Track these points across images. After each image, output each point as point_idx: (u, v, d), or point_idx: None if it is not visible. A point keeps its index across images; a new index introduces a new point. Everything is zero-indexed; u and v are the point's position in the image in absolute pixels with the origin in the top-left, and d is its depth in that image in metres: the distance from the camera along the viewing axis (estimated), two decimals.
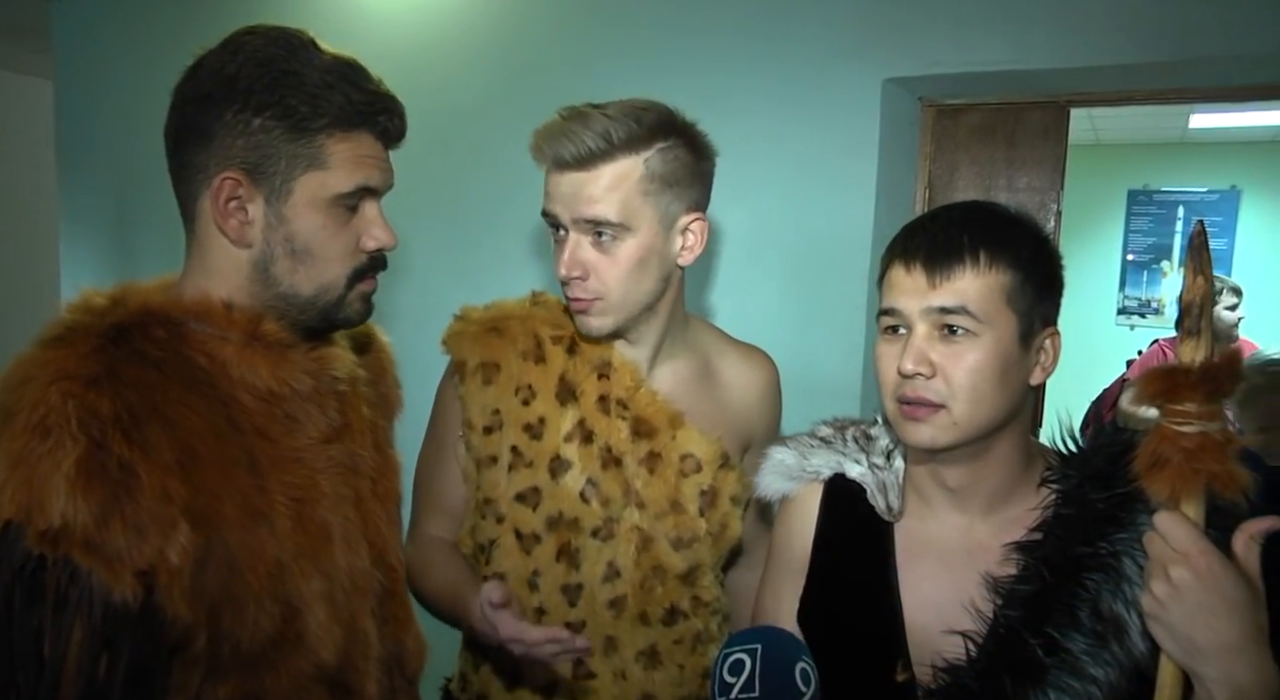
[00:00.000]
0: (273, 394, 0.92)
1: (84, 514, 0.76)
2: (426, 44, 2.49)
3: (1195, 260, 0.82)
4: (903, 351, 0.94)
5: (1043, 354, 0.96)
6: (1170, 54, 1.78)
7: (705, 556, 1.27)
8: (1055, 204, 2.09)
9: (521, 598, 1.23)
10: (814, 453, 1.10)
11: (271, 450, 0.92)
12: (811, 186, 2.09)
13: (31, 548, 0.75)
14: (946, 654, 0.96)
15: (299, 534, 0.92)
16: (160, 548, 0.79)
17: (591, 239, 1.16)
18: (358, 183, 0.92)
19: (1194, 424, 0.80)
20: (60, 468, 0.76)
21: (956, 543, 1.01)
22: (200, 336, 0.91)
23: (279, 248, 0.92)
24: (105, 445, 0.78)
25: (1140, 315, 5.53)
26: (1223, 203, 5.33)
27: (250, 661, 0.88)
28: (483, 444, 1.26)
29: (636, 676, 1.25)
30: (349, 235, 0.94)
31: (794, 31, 2.08)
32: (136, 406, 0.82)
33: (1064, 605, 0.93)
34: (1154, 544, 0.82)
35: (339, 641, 0.94)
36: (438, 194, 2.51)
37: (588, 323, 1.20)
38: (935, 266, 0.93)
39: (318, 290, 0.94)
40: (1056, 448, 1.03)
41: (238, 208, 0.91)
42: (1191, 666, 0.80)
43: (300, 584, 0.91)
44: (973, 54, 1.93)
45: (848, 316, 2.07)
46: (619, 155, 1.13)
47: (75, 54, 3.33)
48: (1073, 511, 0.96)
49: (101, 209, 3.33)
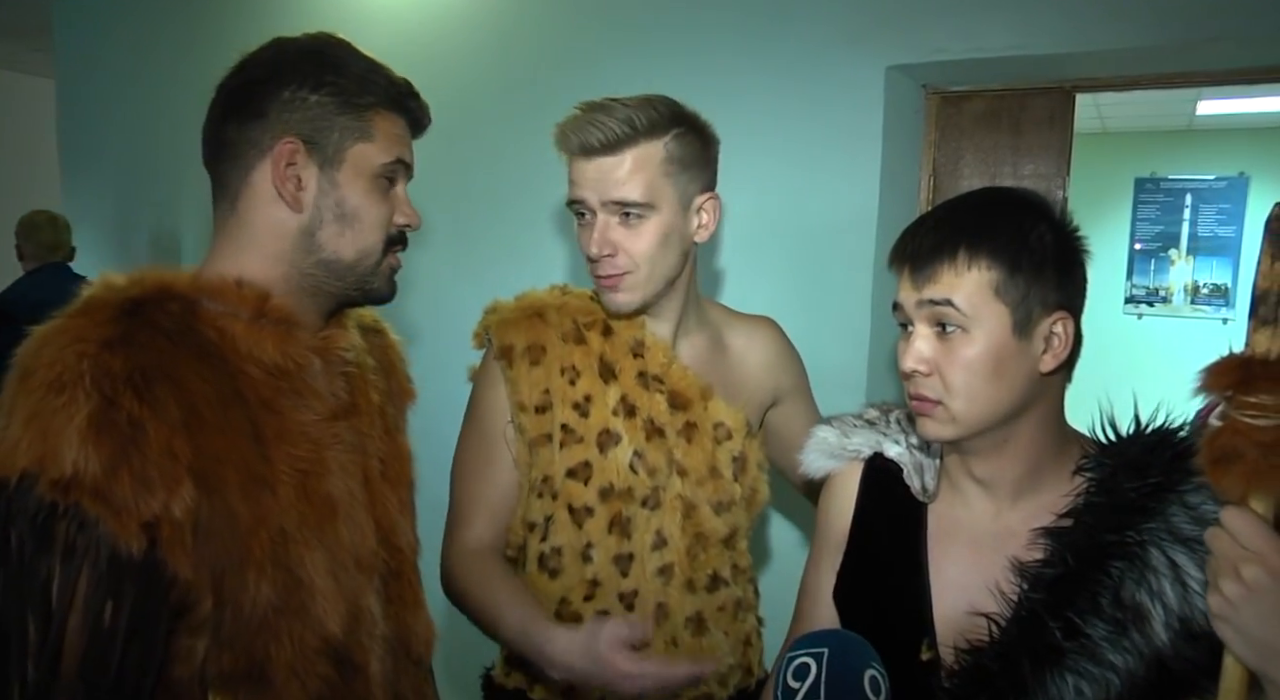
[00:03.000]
0: (279, 369, 0.96)
1: (94, 464, 0.80)
2: (429, 41, 2.49)
3: (1273, 245, 0.77)
4: (905, 350, 0.97)
5: (1051, 340, 0.94)
6: (1176, 37, 1.76)
7: (741, 520, 1.35)
8: (1061, 191, 2.08)
9: (575, 570, 1.29)
10: (855, 432, 1.14)
11: (277, 422, 0.95)
12: (815, 175, 2.08)
13: (44, 495, 0.79)
14: (970, 636, 0.97)
15: (302, 504, 0.95)
16: (165, 502, 0.83)
17: (619, 219, 1.24)
18: (396, 155, 1.01)
19: (1270, 417, 0.76)
20: (73, 421, 0.80)
21: (986, 528, 1.02)
22: (211, 313, 0.95)
23: (329, 213, 0.99)
24: (116, 402, 0.82)
25: (1148, 304, 5.50)
26: (1231, 190, 5.29)
27: (253, 629, 0.90)
28: (535, 424, 1.32)
29: (686, 643, 1.30)
30: (386, 207, 1.02)
31: (796, 20, 2.07)
32: (147, 367, 0.86)
33: (1086, 591, 0.92)
34: (1220, 541, 0.79)
35: (343, 615, 0.97)
36: (440, 189, 2.50)
37: (615, 299, 1.28)
38: (918, 269, 0.96)
39: (359, 254, 1.01)
40: (1095, 436, 1.02)
41: (294, 173, 0.97)
42: (1265, 670, 0.77)
43: (304, 553, 0.94)
44: (976, 40, 1.91)
45: (852, 305, 2.06)
46: (641, 140, 1.22)
47: (76, 53, 3.33)
48: (1104, 500, 0.95)
49: (103, 208, 3.34)
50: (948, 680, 0.98)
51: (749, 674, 1.37)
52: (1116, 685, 0.90)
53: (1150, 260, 5.49)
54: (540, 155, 2.38)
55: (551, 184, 2.52)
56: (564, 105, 1.28)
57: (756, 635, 1.40)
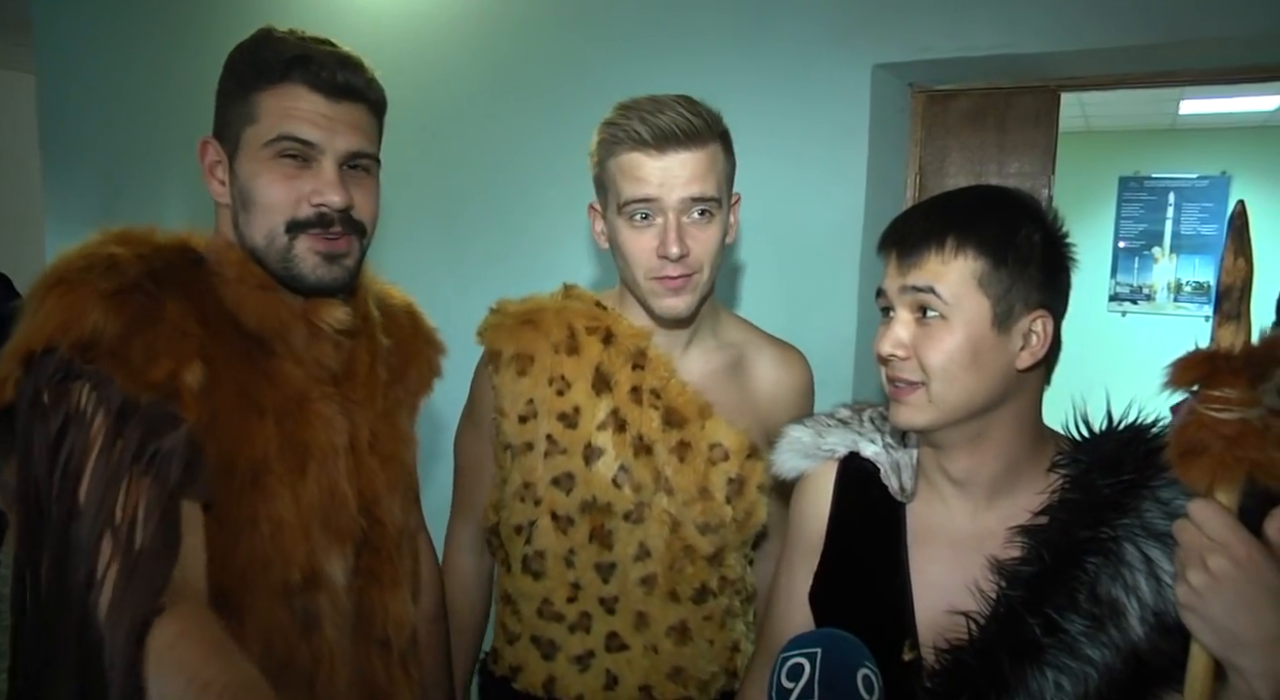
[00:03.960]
0: (262, 329, 1.02)
1: (113, 327, 0.87)
2: (417, 42, 2.47)
3: (1236, 242, 0.79)
4: (883, 334, 0.97)
5: (1030, 338, 0.94)
6: (1161, 36, 1.77)
7: (731, 540, 1.32)
8: (1046, 189, 2.08)
9: (558, 574, 1.30)
10: (830, 432, 1.12)
11: (270, 362, 1.01)
12: (802, 173, 2.08)
13: (65, 354, 0.86)
14: (951, 635, 0.97)
15: (280, 442, 1.00)
16: (175, 370, 0.90)
17: (690, 218, 1.19)
18: (279, 131, 0.99)
19: (1234, 410, 0.77)
20: (98, 289, 0.89)
21: (964, 528, 1.02)
22: (211, 269, 1.03)
23: (238, 200, 1.03)
24: (138, 284, 0.92)
25: (1132, 301, 5.54)
26: (1213, 188, 5.34)
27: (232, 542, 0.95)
28: (518, 432, 1.31)
29: (668, 650, 1.29)
30: (293, 188, 1.00)
31: (783, 18, 2.07)
32: (164, 273, 0.96)
33: (1063, 588, 0.93)
34: (1187, 533, 0.80)
35: (304, 566, 1.00)
36: (429, 192, 2.50)
37: (677, 304, 1.22)
38: (905, 253, 0.96)
39: (265, 239, 1.02)
40: (1070, 434, 1.03)
41: (219, 169, 1.05)
42: (1229, 658, 0.78)
43: (277, 487, 0.99)
44: (963, 39, 1.91)
45: (839, 303, 2.07)
46: (710, 138, 1.20)
47: (57, 48, 3.30)
48: (1079, 496, 0.96)
49: (86, 204, 3.30)
50: (929, 680, 0.97)
51: (734, 678, 1.36)
52: (1094, 679, 0.91)
53: (1134, 258, 5.54)
54: (532, 155, 2.39)
55: (543, 184, 2.53)
56: (553, 104, 1.27)
57: (745, 640, 1.38)
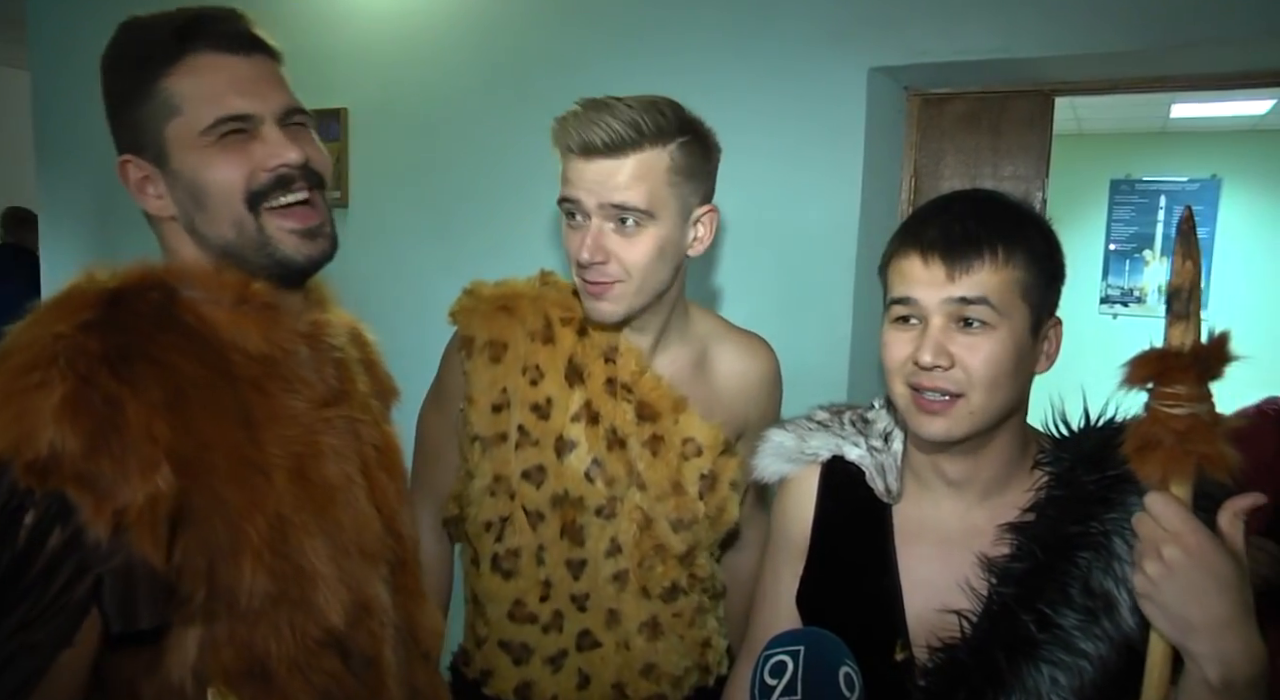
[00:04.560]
0: (266, 357, 0.93)
1: (73, 444, 0.77)
2: (412, 39, 2.48)
3: (1184, 245, 0.83)
4: (920, 343, 0.94)
5: (1047, 343, 0.98)
6: (1154, 42, 1.78)
7: (703, 537, 1.31)
8: (1040, 192, 2.10)
9: (531, 572, 1.27)
10: (812, 435, 1.12)
11: (267, 405, 0.92)
12: (797, 176, 2.09)
13: (19, 481, 0.76)
14: (943, 634, 0.98)
15: (298, 489, 0.91)
16: (138, 487, 0.79)
17: (614, 225, 1.18)
18: (215, 115, 0.91)
19: (1184, 406, 0.81)
20: (49, 401, 0.77)
21: (953, 526, 1.03)
22: (192, 300, 0.92)
23: (188, 204, 0.93)
24: (93, 380, 0.79)
25: (1123, 304, 5.57)
26: (1204, 191, 5.37)
27: (251, 621, 0.87)
28: (490, 422, 1.28)
29: (640, 647, 1.29)
30: (242, 163, 0.92)
31: (778, 21, 2.08)
32: (126, 347, 0.83)
33: (1056, 582, 0.94)
34: (1144, 525, 0.83)
35: (347, 604, 0.93)
36: (424, 187, 2.50)
37: (600, 308, 1.22)
38: (955, 259, 0.93)
39: (232, 227, 0.93)
40: (1049, 432, 1.05)
41: (149, 184, 0.94)
42: (1183, 643, 0.81)
43: (304, 540, 0.90)
44: (958, 43, 1.93)
45: (834, 306, 2.08)
46: (646, 145, 1.16)
47: (52, 43, 3.29)
48: (1064, 492, 0.98)
49: (81, 201, 3.29)
50: (923, 679, 0.99)
51: (707, 673, 1.36)
52: (1089, 672, 0.93)
53: (1125, 261, 5.57)
54: (526, 152, 2.39)
55: (537, 181, 2.53)
56: (547, 102, 1.26)
57: (717, 635, 1.38)
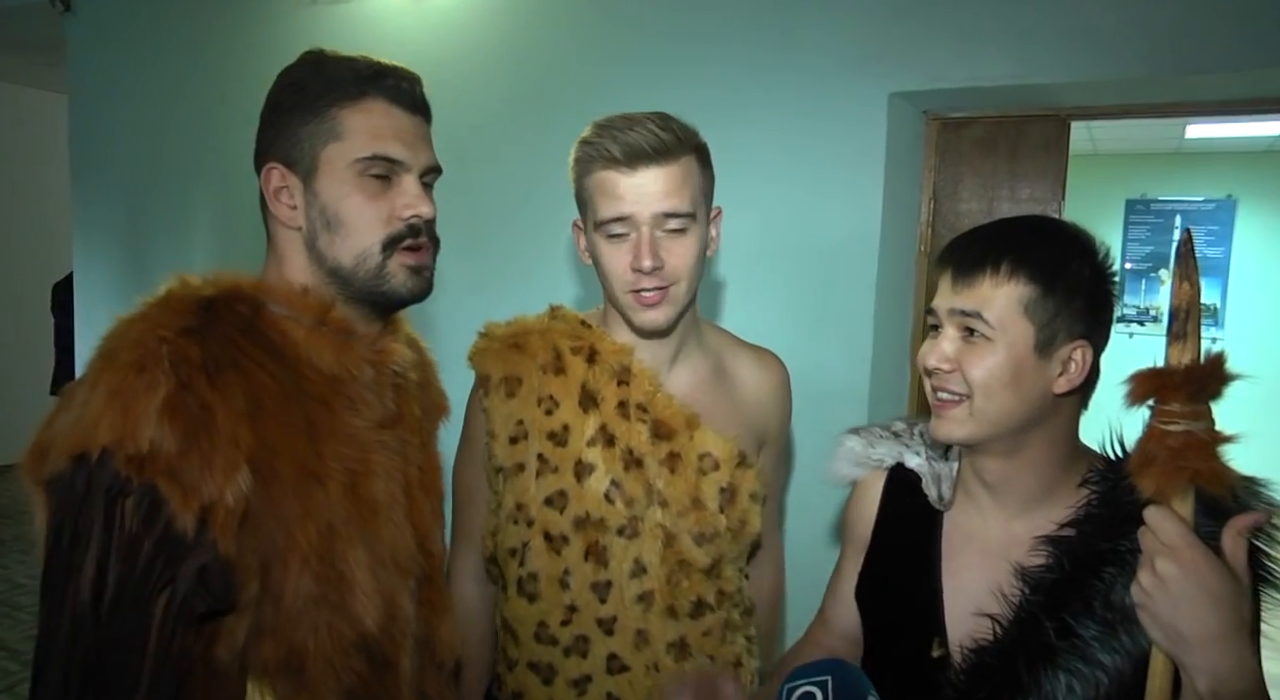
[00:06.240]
0: (335, 377, 1.01)
1: (170, 443, 0.85)
2: (441, 59, 2.55)
3: (1183, 267, 0.87)
4: (930, 349, 1.03)
5: (1069, 365, 1.00)
6: (1168, 68, 1.83)
7: (727, 550, 1.32)
8: (1056, 214, 2.14)
9: (554, 596, 1.29)
10: (880, 443, 1.20)
11: (330, 422, 1.00)
12: (819, 197, 2.14)
13: (120, 471, 0.84)
14: (977, 636, 1.03)
15: (349, 502, 0.99)
16: (222, 486, 0.87)
17: (662, 232, 1.22)
18: (374, 150, 1.00)
19: (1180, 423, 0.84)
20: (153, 402, 0.85)
21: (995, 536, 1.08)
22: (276, 316, 1.00)
23: (318, 222, 1.02)
24: (191, 386, 0.88)
25: (1139, 323, 5.58)
26: (1219, 212, 5.38)
27: (294, 619, 0.94)
28: (509, 453, 1.32)
29: (669, 668, 1.29)
30: (382, 205, 1.01)
31: (801, 46, 2.14)
32: (219, 357, 0.92)
33: (1079, 594, 0.98)
34: (1144, 538, 0.87)
35: (380, 613, 1.00)
36: (455, 206, 2.54)
37: (656, 317, 1.24)
38: (960, 274, 1.01)
39: (356, 258, 1.01)
40: (1105, 452, 1.09)
41: (285, 193, 1.03)
42: (1175, 654, 0.85)
43: (347, 549, 0.98)
44: (976, 69, 1.98)
45: (855, 324, 2.12)
46: (683, 153, 1.22)
47: (88, 67, 3.38)
48: (1105, 511, 1.01)
49: (114, 221, 3.37)
50: (955, 676, 1.04)
51: None
52: (1105, 684, 0.96)
53: (1141, 280, 5.59)
54: (547, 172, 2.45)
55: (566, 206, 2.57)
56: (572, 124, 1.29)
57: (747, 654, 1.39)
